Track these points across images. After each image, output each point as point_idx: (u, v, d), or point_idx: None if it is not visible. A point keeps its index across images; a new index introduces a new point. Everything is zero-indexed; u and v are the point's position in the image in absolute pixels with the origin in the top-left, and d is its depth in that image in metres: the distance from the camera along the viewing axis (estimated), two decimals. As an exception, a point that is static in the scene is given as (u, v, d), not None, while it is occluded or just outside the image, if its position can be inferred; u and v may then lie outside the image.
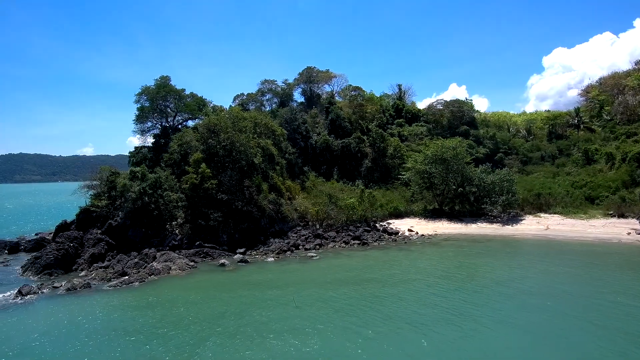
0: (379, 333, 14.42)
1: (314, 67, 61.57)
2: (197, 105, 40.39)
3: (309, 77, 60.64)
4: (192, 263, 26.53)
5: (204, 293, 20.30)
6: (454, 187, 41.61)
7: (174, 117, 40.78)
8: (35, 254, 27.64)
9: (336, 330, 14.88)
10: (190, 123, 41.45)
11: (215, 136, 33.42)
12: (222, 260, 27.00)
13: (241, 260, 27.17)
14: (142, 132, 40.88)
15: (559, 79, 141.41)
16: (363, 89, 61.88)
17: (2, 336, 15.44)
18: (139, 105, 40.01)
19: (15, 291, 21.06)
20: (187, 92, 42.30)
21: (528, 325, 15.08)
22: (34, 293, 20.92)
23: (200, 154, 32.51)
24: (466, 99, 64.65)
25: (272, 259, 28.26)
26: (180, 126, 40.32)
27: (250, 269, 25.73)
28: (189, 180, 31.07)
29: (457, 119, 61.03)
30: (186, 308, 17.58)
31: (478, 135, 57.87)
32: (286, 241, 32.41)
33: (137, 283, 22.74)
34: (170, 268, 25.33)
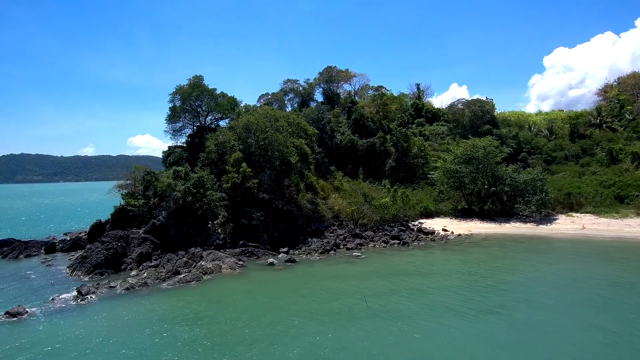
0: (478, 331, 14.32)
1: (335, 67, 61.48)
2: (230, 104, 40.26)
3: (330, 77, 60.50)
4: (240, 262, 26.40)
5: (273, 290, 20.29)
6: (486, 186, 41.45)
7: (205, 117, 40.68)
8: (81, 253, 27.48)
9: (432, 324, 14.88)
10: (222, 123, 41.36)
11: (253, 136, 33.32)
12: (270, 260, 26.89)
13: (288, 260, 27.02)
14: (175, 132, 40.80)
15: (560, 78, 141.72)
16: (386, 87, 61.64)
17: (79, 339, 15.26)
18: (171, 105, 39.95)
19: (74, 292, 21.01)
20: (215, 92, 42.10)
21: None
22: (93, 293, 20.81)
23: (239, 153, 32.40)
24: (486, 98, 64.55)
25: (318, 258, 28.13)
26: (212, 125, 40.18)
27: (301, 267, 25.62)
28: (231, 180, 30.96)
29: (479, 118, 60.87)
30: (271, 306, 17.51)
31: (501, 134, 57.60)
32: (325, 241, 32.24)
33: (194, 282, 22.63)
34: (221, 267, 25.21)
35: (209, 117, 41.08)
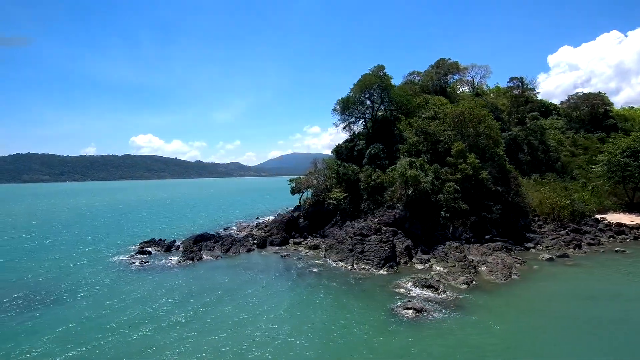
0: None
1: (448, 59, 60.06)
2: (406, 95, 38.65)
3: (447, 69, 59.05)
4: (516, 257, 25.17)
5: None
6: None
7: (377, 108, 39.10)
8: (340, 246, 26.12)
9: None
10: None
11: (469, 126, 32.12)
12: (546, 255, 25.75)
13: (561, 255, 25.83)
14: (349, 124, 39.29)
15: (565, 77, 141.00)
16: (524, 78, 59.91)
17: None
18: (344, 97, 38.48)
19: (412, 286, 19.88)
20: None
21: None
22: (440, 287, 19.55)
23: (461, 143, 31.14)
24: (599, 92, 63.43)
25: (581, 253, 26.93)
26: (390, 117, 38.33)
27: (587, 262, 24.45)
28: (464, 171, 29.69)
29: (597, 112, 59.76)
30: None
31: (626, 128, 56.60)
32: (552, 237, 31.04)
33: (514, 276, 21.48)
34: (505, 261, 23.92)
35: (381, 107, 39.45)
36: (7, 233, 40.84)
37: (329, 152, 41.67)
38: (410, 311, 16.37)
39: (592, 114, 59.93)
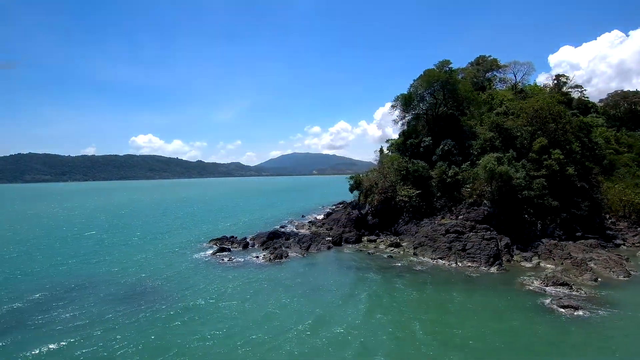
0: None
1: (489, 57, 59.71)
2: (471, 93, 38.06)
3: (487, 67, 58.62)
4: (621, 255, 24.74)
5: None
6: None
7: (440, 104, 38.46)
8: (451, 243, 25.57)
9: None
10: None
11: (549, 121, 31.69)
12: None
13: None
14: (408, 121, 38.70)
15: None
16: (567, 75, 59.55)
17: None
18: (406, 92, 37.89)
19: (542, 284, 19.36)
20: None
21: None
22: (570, 285, 19.05)
23: (544, 139, 30.66)
24: (637, 90, 63.10)
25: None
26: (456, 113, 37.62)
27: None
28: (550, 167, 29.21)
29: (635, 110, 59.46)
30: None
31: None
32: (632, 234, 30.85)
33: (634, 273, 21.09)
34: (612, 259, 23.49)
35: (442, 104, 38.79)
36: (62, 232, 40.16)
37: (329, 152, 41.76)
38: (568, 309, 15.85)
39: (630, 111, 59.63)
